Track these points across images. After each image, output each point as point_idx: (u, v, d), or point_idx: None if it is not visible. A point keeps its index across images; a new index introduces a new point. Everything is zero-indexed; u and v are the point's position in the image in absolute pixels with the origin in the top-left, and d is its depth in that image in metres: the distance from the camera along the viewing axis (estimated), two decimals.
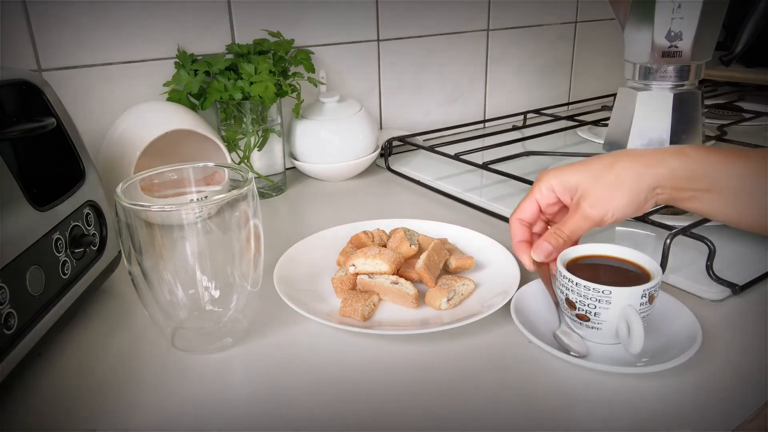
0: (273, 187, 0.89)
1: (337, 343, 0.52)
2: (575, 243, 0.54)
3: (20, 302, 0.45)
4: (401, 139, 0.99)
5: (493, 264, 0.63)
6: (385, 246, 0.64)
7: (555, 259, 0.53)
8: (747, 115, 1.13)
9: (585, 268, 0.51)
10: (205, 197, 0.54)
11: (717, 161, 0.50)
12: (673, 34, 0.78)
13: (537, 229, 0.58)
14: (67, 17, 0.76)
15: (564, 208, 0.57)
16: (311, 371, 0.49)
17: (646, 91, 0.83)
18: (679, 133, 0.75)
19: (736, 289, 0.57)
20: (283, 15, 0.92)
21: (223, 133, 0.84)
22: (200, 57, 0.84)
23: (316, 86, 0.91)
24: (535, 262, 0.55)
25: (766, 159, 0.50)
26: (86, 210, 0.56)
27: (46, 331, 0.49)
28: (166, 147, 0.73)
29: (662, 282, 0.49)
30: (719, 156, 0.51)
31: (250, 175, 0.50)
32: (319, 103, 0.92)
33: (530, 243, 0.56)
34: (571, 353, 0.48)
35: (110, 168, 0.71)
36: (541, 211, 0.56)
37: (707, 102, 1.22)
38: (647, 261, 0.50)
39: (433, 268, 0.59)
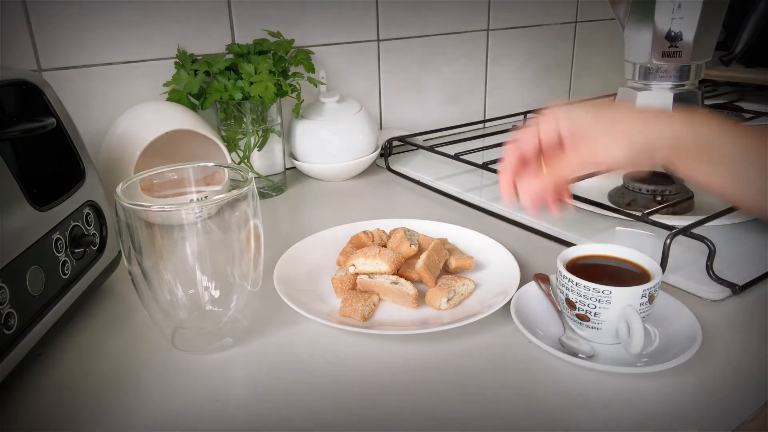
0: (273, 187, 0.89)
1: (337, 343, 0.52)
2: (565, 186, 0.52)
3: (20, 302, 0.45)
4: (401, 139, 0.99)
5: (493, 264, 0.63)
6: (385, 246, 0.64)
7: (539, 202, 0.51)
8: (747, 115, 1.13)
9: (585, 268, 0.51)
10: (205, 197, 0.54)
11: (724, 130, 0.48)
12: (673, 34, 0.78)
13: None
14: (67, 17, 0.76)
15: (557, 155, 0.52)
16: (311, 371, 0.49)
17: (646, 91, 0.83)
18: None
19: (736, 289, 0.57)
20: (283, 15, 0.92)
21: (223, 133, 0.84)
22: (200, 57, 0.84)
23: (316, 86, 0.91)
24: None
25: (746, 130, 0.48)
26: (86, 210, 0.56)
27: (46, 331, 0.49)
28: (166, 147, 0.73)
29: (662, 282, 0.49)
30: (727, 126, 0.49)
31: (250, 175, 0.50)
32: (319, 103, 0.92)
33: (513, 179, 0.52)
34: (580, 355, 0.48)
35: (110, 168, 0.71)
36: (537, 146, 0.51)
37: (707, 102, 1.22)
38: (647, 261, 0.50)
39: (433, 268, 0.59)
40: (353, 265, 0.58)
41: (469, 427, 0.42)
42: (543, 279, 0.57)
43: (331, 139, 0.90)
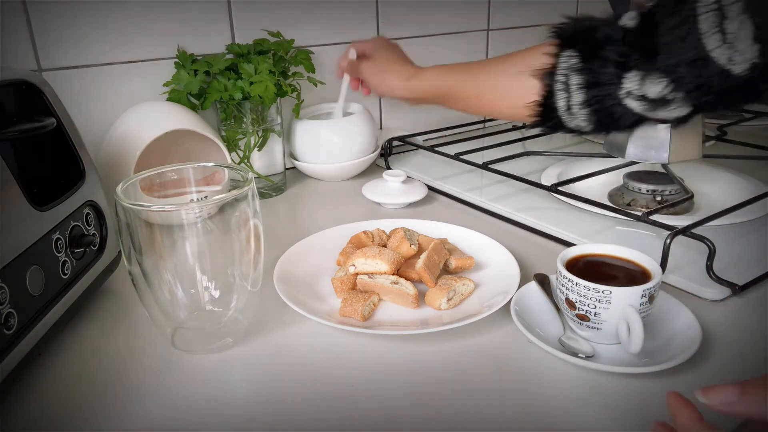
0: (273, 187, 0.89)
1: (337, 343, 0.52)
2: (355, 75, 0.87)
3: (20, 302, 0.45)
4: (401, 139, 0.99)
5: (493, 264, 0.63)
6: (385, 246, 0.64)
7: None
8: (747, 115, 1.13)
9: (585, 268, 0.51)
10: (205, 197, 0.54)
11: (442, 73, 0.76)
12: None
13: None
14: (67, 17, 0.76)
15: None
16: (311, 371, 0.49)
17: None
18: (679, 132, 0.75)
19: (736, 289, 0.56)
20: (283, 15, 0.92)
21: (223, 133, 0.84)
22: (200, 57, 0.84)
23: (315, 86, 0.91)
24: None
25: (472, 67, 0.73)
26: (86, 210, 0.56)
27: (46, 331, 0.49)
28: (166, 147, 0.73)
29: (662, 282, 0.49)
30: (445, 69, 0.76)
31: (250, 175, 0.50)
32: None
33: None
34: (579, 355, 0.48)
35: (110, 168, 0.71)
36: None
37: None
38: (647, 261, 0.50)
39: (433, 268, 0.59)
40: (353, 265, 0.58)
41: (469, 427, 0.42)
42: (543, 279, 0.57)
43: (331, 139, 0.90)
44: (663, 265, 0.57)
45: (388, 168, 0.96)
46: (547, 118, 0.63)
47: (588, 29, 0.58)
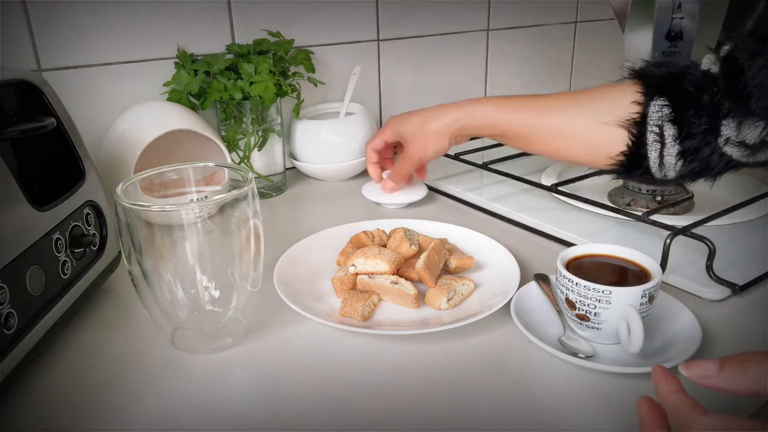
0: (273, 187, 0.89)
1: (337, 343, 0.52)
2: (407, 177, 0.80)
3: (20, 302, 0.45)
4: None
5: (493, 264, 0.63)
6: (385, 246, 0.64)
7: (395, 187, 0.81)
8: None
9: (585, 268, 0.51)
10: (205, 197, 0.54)
11: (506, 111, 0.68)
12: (673, 34, 0.78)
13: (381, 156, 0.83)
14: (67, 17, 0.76)
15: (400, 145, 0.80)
16: (311, 371, 0.49)
17: None
18: None
19: (736, 289, 0.56)
20: (283, 15, 0.92)
21: (223, 133, 0.84)
22: (200, 57, 0.84)
23: (315, 86, 0.91)
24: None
25: (542, 106, 0.66)
26: (86, 210, 0.56)
27: (46, 331, 0.49)
28: (166, 147, 0.73)
29: (662, 282, 0.49)
30: (509, 106, 0.68)
31: (250, 175, 0.50)
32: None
33: (379, 164, 0.82)
34: (579, 355, 0.48)
35: (110, 168, 0.71)
36: (386, 144, 0.80)
37: None
38: (647, 261, 0.50)
39: (433, 268, 0.59)
40: (353, 265, 0.58)
41: (469, 427, 0.42)
42: (543, 279, 0.57)
43: (331, 139, 0.90)
44: (663, 265, 0.57)
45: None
46: (634, 168, 0.60)
47: (676, 76, 0.56)
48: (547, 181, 0.81)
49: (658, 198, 0.75)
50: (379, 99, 1.08)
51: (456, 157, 0.87)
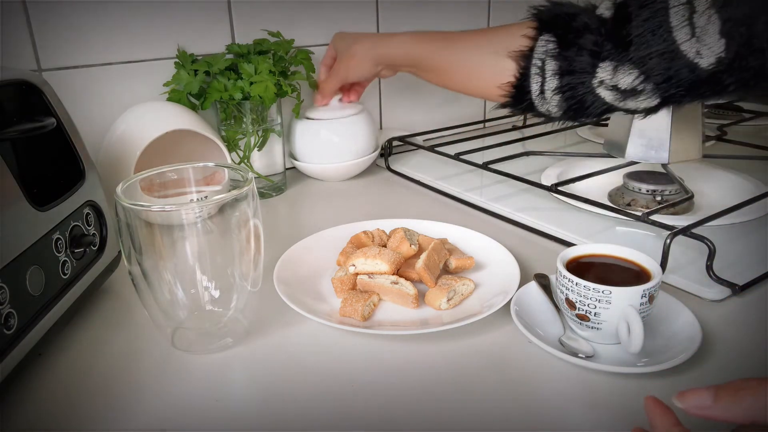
0: (273, 187, 0.89)
1: (337, 343, 0.52)
2: (331, 92, 0.87)
3: (20, 302, 0.45)
4: (401, 139, 0.99)
5: (493, 264, 0.63)
6: (385, 246, 0.64)
7: (322, 101, 0.88)
8: (747, 115, 1.13)
9: (585, 268, 0.51)
10: (205, 197, 0.54)
11: (417, 42, 0.74)
12: None
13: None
14: (67, 17, 0.76)
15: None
16: (311, 371, 0.49)
17: None
18: (679, 132, 0.75)
19: (736, 289, 0.57)
20: (283, 15, 0.92)
21: (223, 133, 0.84)
22: (200, 57, 0.84)
23: (314, 89, 0.91)
24: None
25: (449, 38, 0.71)
26: (86, 210, 0.56)
27: (46, 331, 0.49)
28: (166, 147, 0.73)
29: (662, 282, 0.49)
30: (421, 38, 0.74)
31: (250, 175, 0.50)
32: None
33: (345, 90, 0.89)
34: (579, 355, 0.48)
35: (110, 168, 0.71)
36: (333, 59, 0.86)
37: (706, 102, 1.22)
38: (647, 261, 0.50)
39: (433, 268, 0.59)
40: (353, 265, 0.58)
41: (469, 427, 0.42)
42: (543, 279, 0.57)
43: (331, 139, 0.90)
44: (663, 265, 0.57)
45: (389, 168, 0.97)
46: (519, 101, 0.63)
47: (567, 15, 0.59)
48: (547, 181, 0.81)
49: (658, 198, 0.75)
50: (379, 99, 1.08)
51: (456, 157, 0.87)
